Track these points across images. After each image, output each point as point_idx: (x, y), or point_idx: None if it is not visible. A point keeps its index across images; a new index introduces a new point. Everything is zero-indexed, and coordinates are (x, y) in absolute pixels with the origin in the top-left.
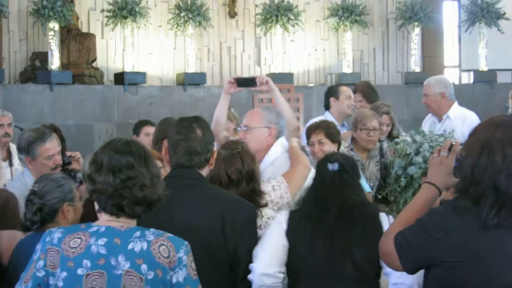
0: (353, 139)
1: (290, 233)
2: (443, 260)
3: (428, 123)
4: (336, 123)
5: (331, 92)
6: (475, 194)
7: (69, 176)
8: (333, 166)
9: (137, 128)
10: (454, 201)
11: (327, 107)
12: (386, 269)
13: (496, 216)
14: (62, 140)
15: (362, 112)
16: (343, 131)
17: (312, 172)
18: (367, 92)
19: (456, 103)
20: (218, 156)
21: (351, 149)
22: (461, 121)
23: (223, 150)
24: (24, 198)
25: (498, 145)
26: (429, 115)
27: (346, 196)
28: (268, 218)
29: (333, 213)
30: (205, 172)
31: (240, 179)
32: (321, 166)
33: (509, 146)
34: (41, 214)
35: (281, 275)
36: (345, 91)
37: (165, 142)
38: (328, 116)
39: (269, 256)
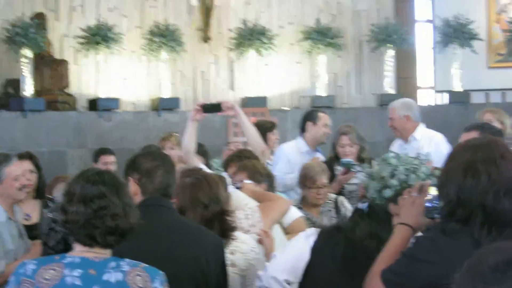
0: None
1: (315, 251)
2: (439, 283)
3: (396, 146)
4: (307, 149)
5: (309, 117)
6: (463, 216)
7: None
8: (363, 206)
9: (96, 156)
10: (442, 224)
11: (302, 130)
12: None
13: (489, 234)
14: (38, 168)
15: (311, 168)
16: (316, 155)
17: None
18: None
19: (421, 125)
20: (183, 183)
21: (300, 208)
22: (428, 142)
23: (187, 178)
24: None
25: (482, 165)
26: (397, 139)
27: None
28: (241, 242)
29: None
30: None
31: (210, 202)
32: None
33: (491, 165)
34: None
35: (288, 286)
36: (323, 118)
37: None
38: (299, 142)
39: (286, 262)
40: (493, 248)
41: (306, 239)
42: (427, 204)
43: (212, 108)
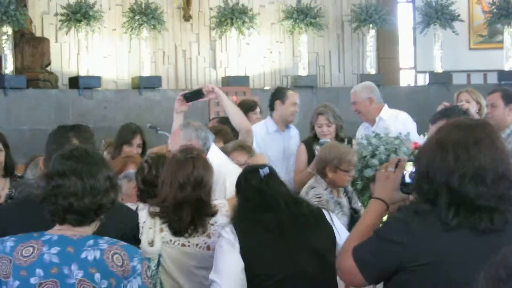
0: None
1: (245, 252)
2: (407, 265)
3: (362, 129)
4: (275, 128)
5: (278, 95)
6: (429, 193)
7: None
8: (263, 171)
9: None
10: (414, 205)
11: (271, 109)
12: None
13: (456, 216)
14: (5, 146)
15: (344, 150)
16: (289, 135)
17: None
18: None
19: (386, 106)
20: (172, 158)
21: (329, 190)
22: (393, 120)
23: (178, 153)
24: None
25: (452, 146)
26: (364, 122)
27: (287, 193)
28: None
29: (282, 209)
30: None
31: (186, 183)
32: (248, 176)
33: (462, 148)
34: None
35: None
36: (292, 96)
37: (125, 147)
38: (268, 121)
39: (229, 285)
40: (501, 259)
41: (231, 247)
42: (404, 179)
43: (194, 95)
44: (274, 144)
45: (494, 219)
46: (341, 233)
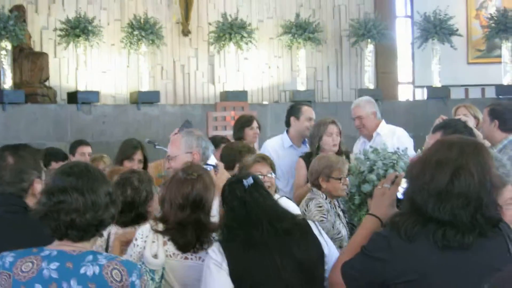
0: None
1: (233, 272)
2: (390, 282)
3: (359, 144)
4: (290, 144)
5: (293, 111)
6: (414, 211)
7: None
8: (247, 181)
9: (73, 148)
10: (399, 221)
11: (287, 125)
12: None
13: (443, 236)
14: None
15: (333, 159)
16: (304, 151)
17: None
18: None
19: (383, 121)
20: (173, 177)
21: (327, 201)
22: (391, 136)
23: (180, 172)
24: None
25: (435, 166)
26: (359, 138)
27: (270, 207)
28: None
29: (265, 227)
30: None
31: (185, 205)
32: (232, 187)
33: (438, 169)
34: None
35: None
36: (306, 111)
37: (126, 163)
38: (283, 137)
39: None
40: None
41: (220, 268)
42: (400, 196)
43: (185, 128)
44: (287, 159)
45: (465, 236)
46: (329, 244)
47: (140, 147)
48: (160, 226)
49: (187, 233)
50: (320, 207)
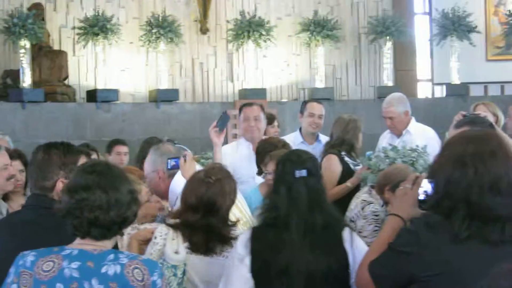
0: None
1: (254, 271)
2: (419, 276)
3: (386, 139)
4: (301, 140)
5: (300, 108)
6: (447, 208)
7: None
8: (300, 173)
9: (109, 147)
10: (425, 217)
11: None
12: None
13: (468, 228)
14: (26, 166)
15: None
16: (317, 148)
17: None
18: None
19: (413, 119)
20: (192, 177)
21: (383, 209)
22: (420, 136)
23: (200, 173)
24: None
25: (470, 159)
26: (387, 131)
27: (312, 213)
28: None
29: (295, 234)
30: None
31: (198, 207)
32: (285, 171)
33: (479, 159)
34: None
35: None
36: (309, 107)
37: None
38: (296, 134)
39: None
40: (506, 271)
41: (241, 263)
42: (421, 196)
43: (224, 121)
44: None
45: (505, 229)
46: (357, 254)
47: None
48: (173, 221)
49: (195, 236)
50: (377, 215)
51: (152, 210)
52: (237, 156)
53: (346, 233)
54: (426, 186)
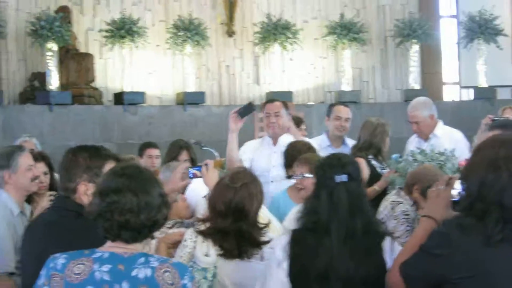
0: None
1: (293, 276)
2: (450, 278)
3: (414, 144)
4: (328, 144)
5: (327, 111)
6: (480, 211)
7: None
8: (340, 178)
9: (141, 150)
10: (458, 218)
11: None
12: None
13: (501, 231)
14: (50, 168)
15: (437, 172)
16: (345, 150)
17: None
18: None
19: (441, 122)
20: (218, 182)
21: (414, 208)
22: (448, 139)
23: (226, 179)
24: (13, 225)
25: (504, 162)
26: (414, 135)
27: (353, 218)
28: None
29: (335, 239)
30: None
31: (227, 213)
32: (326, 176)
33: None
34: None
35: None
36: (335, 110)
37: None
38: (322, 137)
39: None
40: None
41: (278, 267)
42: (454, 198)
43: (246, 110)
44: None
45: None
46: None
47: (185, 147)
48: (203, 227)
49: (226, 242)
50: (407, 215)
51: (182, 210)
52: (258, 151)
53: (387, 242)
54: (459, 188)
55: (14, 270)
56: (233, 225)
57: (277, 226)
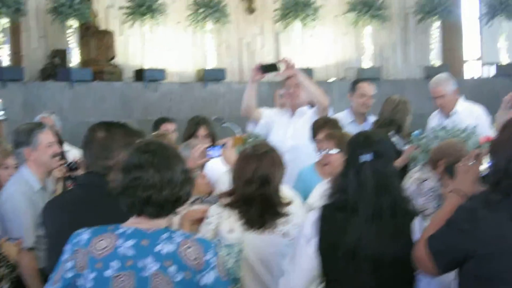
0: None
1: (321, 252)
2: (475, 253)
3: (436, 120)
4: (352, 119)
5: (350, 87)
6: (507, 187)
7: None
8: (364, 157)
9: (156, 125)
10: (484, 194)
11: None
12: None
13: None
14: (60, 143)
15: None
16: (366, 127)
17: None
18: None
19: (462, 98)
20: (241, 153)
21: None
22: (469, 115)
23: (248, 149)
24: (33, 201)
25: None
26: (436, 111)
27: (379, 198)
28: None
29: (362, 219)
30: None
31: (252, 180)
32: (355, 154)
33: None
34: None
35: None
36: (360, 87)
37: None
38: (346, 113)
39: (299, 280)
40: None
41: (307, 243)
42: (484, 172)
43: (269, 68)
44: None
45: None
46: None
47: (202, 123)
48: (227, 200)
49: (251, 209)
50: (435, 191)
51: (201, 186)
52: (277, 117)
53: (417, 222)
54: (488, 163)
55: (33, 245)
56: (258, 191)
57: (298, 203)
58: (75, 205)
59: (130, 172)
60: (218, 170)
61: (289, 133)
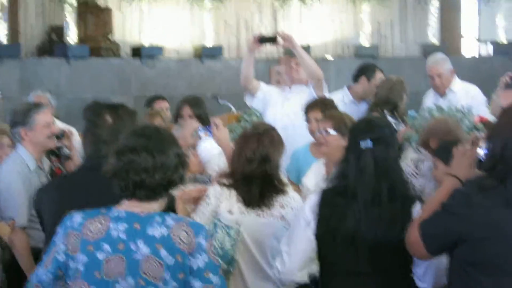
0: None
1: (319, 236)
2: (468, 237)
3: (430, 99)
4: (350, 99)
5: (366, 71)
6: (502, 173)
7: (55, 152)
8: (365, 144)
9: (149, 103)
10: (480, 179)
11: (355, 80)
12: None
13: None
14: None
15: (449, 124)
16: (364, 107)
17: None
18: None
19: (456, 78)
20: (242, 133)
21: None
22: (464, 95)
23: (248, 128)
24: (28, 180)
25: None
26: (430, 90)
27: (379, 184)
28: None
29: (361, 204)
30: None
31: (253, 159)
32: (355, 140)
33: None
34: None
35: (306, 277)
36: (378, 77)
37: (179, 120)
38: (345, 92)
39: (296, 261)
40: None
41: (307, 226)
42: (482, 156)
43: (268, 39)
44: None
45: None
46: None
47: (187, 103)
48: (226, 181)
49: (252, 187)
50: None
51: (193, 165)
52: (274, 93)
53: (416, 209)
54: (485, 148)
55: (27, 224)
56: (258, 168)
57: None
58: (77, 188)
59: (124, 155)
60: (210, 150)
61: (284, 111)
